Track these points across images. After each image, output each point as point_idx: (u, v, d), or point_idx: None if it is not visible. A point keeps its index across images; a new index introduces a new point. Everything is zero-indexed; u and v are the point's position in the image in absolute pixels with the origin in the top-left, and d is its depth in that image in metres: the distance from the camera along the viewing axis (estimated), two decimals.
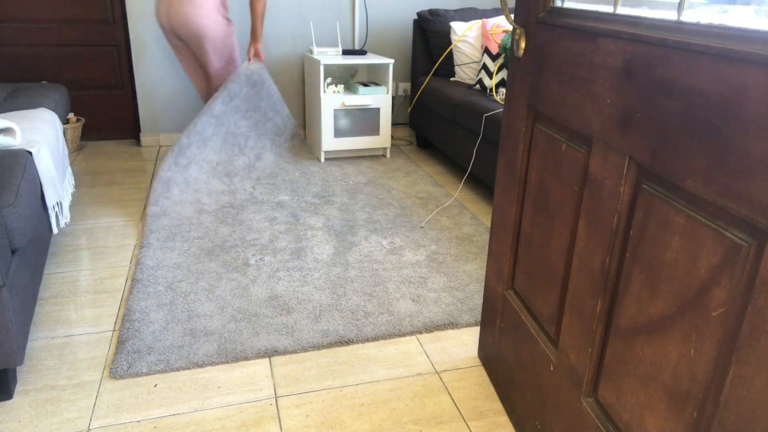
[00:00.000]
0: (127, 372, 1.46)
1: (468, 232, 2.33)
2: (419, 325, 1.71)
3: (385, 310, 1.78)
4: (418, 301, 1.83)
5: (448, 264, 2.08)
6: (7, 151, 1.58)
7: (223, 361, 1.52)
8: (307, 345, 1.60)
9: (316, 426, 1.31)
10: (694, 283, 0.72)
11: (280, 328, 1.67)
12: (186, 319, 1.68)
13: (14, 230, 1.33)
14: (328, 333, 1.65)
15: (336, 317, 1.73)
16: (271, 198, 2.63)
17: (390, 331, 1.68)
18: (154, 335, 1.60)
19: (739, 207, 0.65)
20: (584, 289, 0.99)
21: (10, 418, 1.31)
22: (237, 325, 1.67)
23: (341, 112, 3.17)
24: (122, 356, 1.51)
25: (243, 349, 1.57)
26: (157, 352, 1.53)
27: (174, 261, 2.01)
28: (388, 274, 2.00)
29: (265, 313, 1.74)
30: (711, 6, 0.78)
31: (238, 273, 1.96)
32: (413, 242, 2.23)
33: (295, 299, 1.82)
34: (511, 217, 1.30)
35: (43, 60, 3.27)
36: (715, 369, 0.70)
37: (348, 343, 1.62)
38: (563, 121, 1.04)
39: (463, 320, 1.74)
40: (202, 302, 1.78)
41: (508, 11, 1.14)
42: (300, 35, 3.49)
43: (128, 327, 1.63)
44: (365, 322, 1.71)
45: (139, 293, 1.80)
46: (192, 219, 2.36)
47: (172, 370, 1.48)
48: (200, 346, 1.57)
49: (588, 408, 0.99)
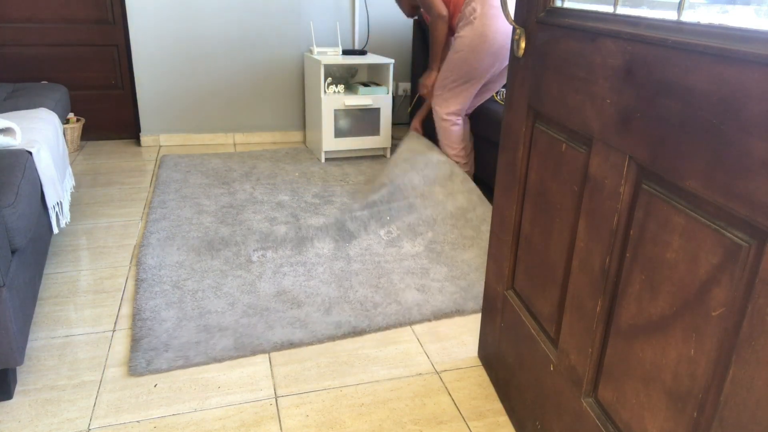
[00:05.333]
0: (146, 369, 1.46)
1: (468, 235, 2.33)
2: (428, 314, 1.76)
3: (392, 301, 1.82)
4: (423, 291, 1.89)
5: (446, 254, 2.13)
6: (7, 151, 1.58)
7: (241, 355, 1.54)
8: (323, 336, 1.63)
9: (316, 426, 1.31)
10: (694, 283, 0.72)
11: (293, 321, 1.70)
12: (198, 316, 1.70)
13: (14, 230, 1.33)
14: (341, 324, 1.69)
15: (346, 309, 1.77)
16: (270, 198, 2.62)
17: (400, 320, 1.72)
18: (168, 333, 1.61)
19: (739, 207, 0.65)
20: (584, 289, 0.99)
21: (10, 418, 1.31)
22: (250, 320, 1.69)
23: (341, 112, 3.16)
24: (139, 354, 1.52)
25: (260, 342, 1.59)
26: (175, 349, 1.54)
27: (176, 260, 2.01)
28: (391, 266, 2.04)
29: (275, 307, 1.76)
30: (711, 6, 0.78)
31: (243, 270, 1.97)
32: (410, 230, 2.27)
33: (303, 293, 1.84)
34: (511, 217, 1.30)
35: (43, 60, 3.27)
36: (715, 369, 0.70)
37: (361, 333, 1.66)
38: (563, 121, 1.04)
39: (469, 307, 1.80)
40: (211, 299, 1.79)
41: (508, 11, 1.14)
42: (300, 35, 3.49)
43: (141, 326, 1.63)
44: (375, 312, 1.76)
45: (146, 292, 1.80)
46: (192, 219, 2.36)
47: (191, 366, 1.50)
48: (217, 341, 1.59)
49: (588, 408, 0.99)
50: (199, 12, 3.29)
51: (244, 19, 3.37)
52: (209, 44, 3.37)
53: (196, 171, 2.97)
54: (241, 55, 3.44)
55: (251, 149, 3.45)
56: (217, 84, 3.47)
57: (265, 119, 3.63)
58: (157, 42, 3.29)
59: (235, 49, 3.42)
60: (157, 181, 2.80)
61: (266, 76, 3.53)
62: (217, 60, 3.41)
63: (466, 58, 2.43)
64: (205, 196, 2.62)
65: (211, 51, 3.39)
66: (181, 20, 3.29)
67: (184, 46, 3.34)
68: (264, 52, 3.47)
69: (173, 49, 3.33)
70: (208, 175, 2.92)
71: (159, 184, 2.75)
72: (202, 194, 2.65)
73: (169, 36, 3.30)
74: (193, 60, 3.38)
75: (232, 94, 3.52)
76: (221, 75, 3.45)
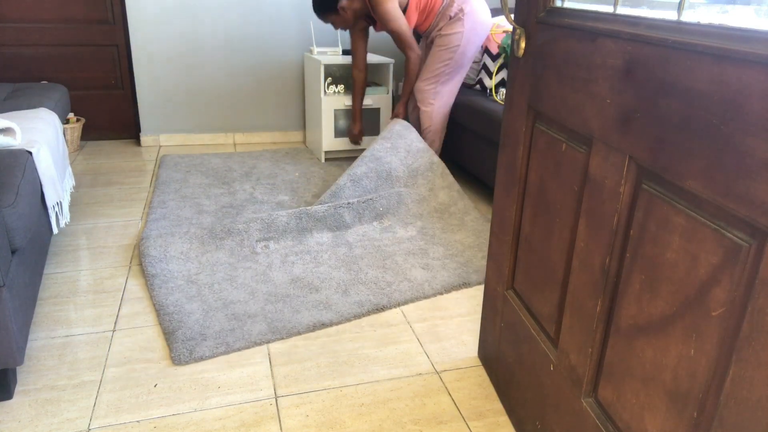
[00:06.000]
0: (190, 358, 1.51)
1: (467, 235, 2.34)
2: (438, 287, 1.90)
3: (403, 279, 1.95)
4: (428, 269, 2.02)
5: (439, 236, 2.26)
6: (7, 151, 1.58)
7: (278, 338, 1.60)
8: (350, 315, 1.72)
9: (316, 426, 1.31)
10: (695, 283, 0.72)
11: (317, 304, 1.77)
12: (222, 307, 1.73)
13: (14, 230, 1.33)
14: (363, 303, 1.79)
15: (362, 289, 1.87)
16: (270, 198, 2.62)
17: (416, 294, 1.85)
18: (199, 323, 1.64)
19: (739, 207, 0.65)
20: (584, 289, 0.99)
21: (10, 418, 1.31)
22: (275, 306, 1.75)
23: (341, 112, 3.17)
24: (178, 344, 1.55)
25: (293, 325, 1.66)
26: (212, 338, 1.58)
27: (180, 250, 2.01)
28: (391, 249, 2.15)
29: (295, 293, 1.82)
30: (711, 6, 0.78)
31: (251, 261, 2.01)
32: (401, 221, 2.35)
33: (317, 279, 1.92)
34: (511, 217, 1.30)
35: (43, 60, 3.27)
36: (715, 369, 0.70)
37: (384, 309, 1.77)
38: (563, 121, 1.04)
39: (473, 280, 1.96)
40: (230, 290, 1.82)
41: (508, 11, 1.14)
42: (300, 35, 3.49)
43: (169, 320, 1.66)
44: (390, 290, 1.87)
45: (161, 288, 1.82)
46: (192, 219, 2.36)
47: (233, 351, 1.55)
48: (250, 327, 1.64)
49: (588, 408, 0.99)
50: (199, 12, 3.29)
51: (244, 19, 3.37)
52: (209, 44, 3.37)
53: (196, 171, 2.97)
54: (241, 55, 3.44)
55: (251, 149, 3.46)
56: (217, 84, 3.47)
57: (265, 119, 3.63)
58: (157, 42, 3.30)
59: (235, 49, 3.42)
60: (157, 181, 2.80)
61: (266, 76, 3.53)
62: (218, 60, 3.41)
63: (464, 51, 2.71)
64: (205, 196, 2.62)
65: (211, 51, 3.39)
66: (181, 20, 3.29)
67: (184, 46, 3.34)
68: (264, 52, 3.47)
69: (173, 49, 3.33)
70: (208, 175, 2.92)
71: (159, 184, 2.75)
72: (202, 194, 2.65)
73: (169, 36, 3.30)
74: (193, 60, 3.38)
75: (232, 94, 3.52)
76: (221, 75, 3.46)
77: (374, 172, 2.48)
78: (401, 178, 2.51)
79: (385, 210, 2.36)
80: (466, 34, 2.67)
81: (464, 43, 2.69)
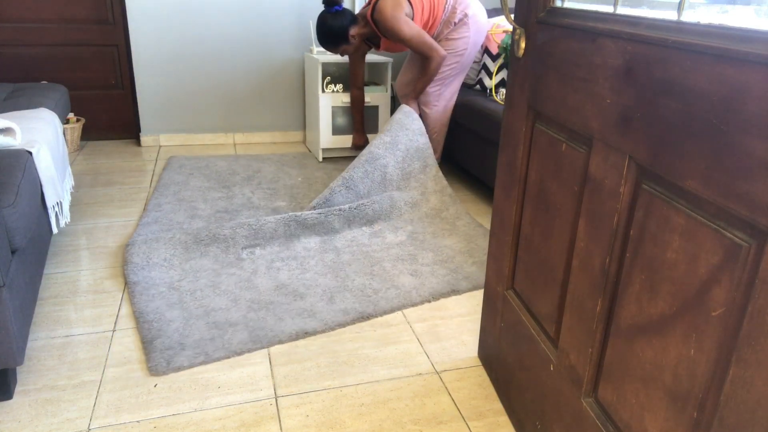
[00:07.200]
0: (167, 368, 1.47)
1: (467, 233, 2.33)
2: (426, 295, 1.85)
3: (390, 286, 1.90)
4: (416, 275, 1.97)
5: (429, 241, 2.23)
6: (7, 151, 1.58)
7: (259, 347, 1.56)
8: (333, 324, 1.68)
9: (316, 426, 1.31)
10: (694, 283, 0.72)
11: (301, 312, 1.73)
12: (203, 314, 1.70)
13: (14, 230, 1.33)
14: (348, 311, 1.74)
15: (348, 297, 1.82)
16: (267, 204, 2.58)
17: (402, 302, 1.80)
18: (179, 332, 1.61)
19: (739, 207, 0.65)
20: (584, 289, 0.99)
21: (10, 418, 1.31)
22: (257, 314, 1.71)
23: (339, 109, 3.16)
24: (156, 354, 1.52)
25: (274, 334, 1.62)
26: (191, 347, 1.55)
27: (164, 257, 1.98)
28: (379, 255, 2.10)
29: (279, 300, 1.78)
30: (711, 6, 0.78)
31: (235, 267, 1.97)
32: (392, 226, 2.34)
33: (302, 285, 1.87)
34: (511, 217, 1.30)
35: (43, 60, 3.27)
36: (715, 369, 0.70)
37: (368, 318, 1.72)
38: (563, 121, 1.04)
39: (463, 287, 1.91)
40: (212, 297, 1.79)
41: (508, 11, 1.14)
42: (300, 35, 3.49)
43: (148, 327, 1.62)
44: (377, 297, 1.82)
45: (142, 296, 1.78)
46: (183, 224, 2.32)
47: (212, 361, 1.51)
48: (231, 336, 1.60)
49: (588, 408, 0.99)
50: (199, 12, 3.29)
51: (244, 19, 3.37)
52: (209, 44, 3.37)
53: (199, 173, 2.95)
54: (241, 55, 3.44)
55: (252, 150, 3.45)
56: (217, 84, 3.47)
57: (265, 119, 3.63)
58: (157, 42, 3.29)
59: (235, 49, 3.42)
60: (159, 182, 2.79)
61: (266, 76, 3.53)
62: (218, 60, 3.41)
63: (470, 53, 2.78)
64: (202, 200, 2.59)
65: (211, 51, 3.39)
66: (181, 20, 3.29)
67: (184, 46, 3.34)
68: (264, 52, 3.47)
69: (173, 49, 3.33)
70: (210, 178, 2.89)
71: (159, 186, 2.74)
72: (199, 197, 2.62)
73: (169, 36, 3.30)
74: (193, 60, 3.38)
75: (233, 94, 3.52)
76: (221, 75, 3.46)
77: (368, 176, 2.45)
78: (394, 180, 2.50)
79: (376, 215, 2.33)
80: (472, 38, 2.74)
81: (470, 46, 2.76)
